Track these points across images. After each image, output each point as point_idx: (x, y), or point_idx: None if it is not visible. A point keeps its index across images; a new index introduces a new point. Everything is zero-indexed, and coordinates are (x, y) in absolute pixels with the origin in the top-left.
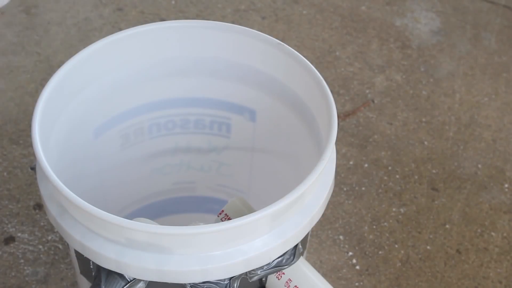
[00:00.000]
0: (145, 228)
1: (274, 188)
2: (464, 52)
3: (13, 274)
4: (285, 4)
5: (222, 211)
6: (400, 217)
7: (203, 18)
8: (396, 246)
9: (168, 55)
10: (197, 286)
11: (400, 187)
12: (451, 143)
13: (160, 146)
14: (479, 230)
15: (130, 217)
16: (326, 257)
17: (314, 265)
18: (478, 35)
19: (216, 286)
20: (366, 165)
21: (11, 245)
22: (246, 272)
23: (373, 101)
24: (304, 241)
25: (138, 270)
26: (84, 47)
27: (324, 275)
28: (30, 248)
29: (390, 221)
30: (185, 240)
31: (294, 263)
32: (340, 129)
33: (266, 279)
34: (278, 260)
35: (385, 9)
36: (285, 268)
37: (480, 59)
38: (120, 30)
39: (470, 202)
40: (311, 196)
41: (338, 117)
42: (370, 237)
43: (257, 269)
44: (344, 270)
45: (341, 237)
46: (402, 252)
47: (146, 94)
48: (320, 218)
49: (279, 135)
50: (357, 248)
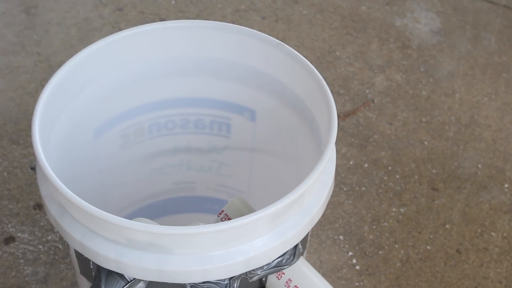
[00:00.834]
0: (145, 228)
1: (274, 188)
2: (464, 52)
3: (13, 274)
4: (285, 4)
5: (222, 211)
6: (400, 217)
7: (203, 18)
8: (396, 246)
9: (168, 55)
10: (197, 286)
11: (400, 187)
12: (451, 143)
13: (160, 146)
14: (479, 230)
15: (130, 217)
16: (326, 257)
17: (314, 265)
18: (478, 35)
19: (216, 286)
20: (366, 165)
21: (11, 245)
22: (246, 272)
23: (373, 101)
24: (304, 241)
25: (138, 270)
26: (84, 47)
27: (324, 275)
28: (30, 248)
29: (390, 221)
30: (185, 240)
31: (294, 263)
32: (340, 129)
33: (266, 279)
34: (278, 260)
35: (385, 9)
36: (285, 268)
37: (480, 59)
38: (120, 30)
39: (470, 202)
40: (311, 196)
41: (338, 117)
42: (370, 237)
43: (257, 269)
44: (344, 270)
45: (341, 237)
46: (402, 252)
47: (146, 94)
48: (320, 218)
49: (279, 135)
50: (357, 248)
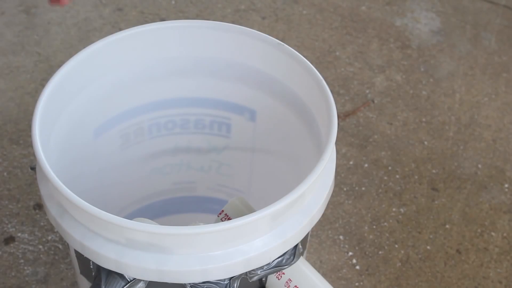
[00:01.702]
0: (145, 228)
1: (274, 188)
2: (464, 52)
3: (13, 274)
4: (285, 4)
5: (222, 211)
6: (400, 217)
7: (203, 18)
8: (396, 246)
9: (168, 55)
10: (197, 286)
11: (400, 187)
12: (451, 143)
13: (160, 146)
14: (479, 230)
15: (130, 217)
16: (326, 257)
17: (314, 265)
18: (478, 35)
19: (216, 286)
20: (366, 165)
21: (11, 245)
22: (246, 272)
23: (373, 101)
24: (304, 241)
25: (138, 270)
26: (84, 47)
27: (324, 275)
28: (30, 248)
29: (390, 221)
30: (185, 240)
31: (294, 263)
32: (340, 129)
33: (266, 279)
34: (278, 260)
35: (385, 9)
36: (285, 268)
37: (480, 59)
38: (120, 30)
39: (470, 202)
40: (311, 196)
41: (338, 117)
42: (370, 237)
43: (257, 269)
44: (344, 270)
45: (341, 237)
46: (402, 252)
47: (146, 94)
48: (320, 218)
49: (279, 135)
50: (357, 248)
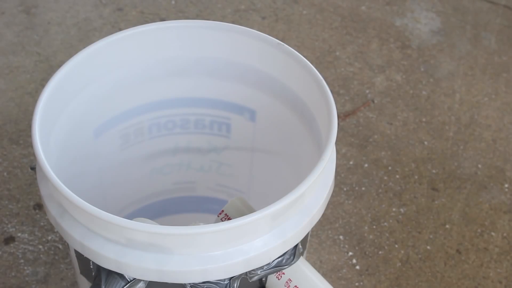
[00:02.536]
0: (145, 228)
1: (274, 188)
2: (464, 52)
3: (13, 274)
4: (285, 4)
5: (222, 211)
6: (400, 217)
7: (203, 18)
8: (396, 246)
9: (168, 55)
10: (197, 286)
11: (400, 187)
12: (451, 143)
13: (160, 146)
14: (479, 230)
15: (130, 217)
16: (326, 257)
17: (314, 265)
18: (478, 35)
19: (216, 286)
20: (366, 165)
21: (11, 245)
22: (246, 272)
23: (373, 101)
24: (304, 241)
25: (138, 270)
26: (84, 47)
27: (324, 275)
28: (30, 248)
29: (390, 221)
30: (185, 240)
31: (294, 263)
32: (340, 129)
33: (266, 279)
34: (278, 260)
35: (385, 9)
36: (285, 268)
37: (480, 59)
38: (120, 30)
39: (470, 202)
40: (311, 196)
41: (338, 117)
42: (370, 237)
43: (257, 269)
44: (344, 270)
45: (341, 237)
46: (402, 252)
47: (146, 94)
48: (320, 218)
49: (279, 135)
50: (357, 248)
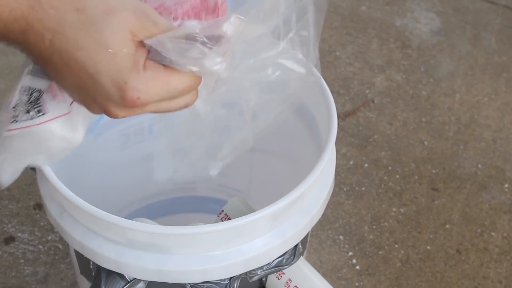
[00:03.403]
0: (145, 228)
1: (274, 188)
2: (464, 52)
3: (13, 274)
4: None
5: (222, 211)
6: (400, 217)
7: None
8: (396, 246)
9: None
10: (197, 286)
11: (400, 187)
12: (451, 143)
13: (160, 146)
14: (479, 230)
15: (130, 217)
16: (326, 257)
17: (314, 265)
18: (478, 35)
19: (216, 286)
20: (366, 165)
21: (11, 245)
22: (246, 272)
23: (373, 101)
24: (304, 241)
25: (138, 270)
26: None
27: (324, 275)
28: (30, 248)
29: (390, 221)
30: (185, 240)
31: (294, 263)
32: (340, 129)
33: (266, 279)
34: (278, 260)
35: (385, 9)
36: (285, 268)
37: (480, 59)
38: None
39: (470, 202)
40: (311, 196)
41: (338, 117)
42: (370, 237)
43: (257, 269)
44: (344, 270)
45: (341, 237)
46: (402, 252)
47: None
48: (320, 218)
49: (279, 135)
50: (357, 248)
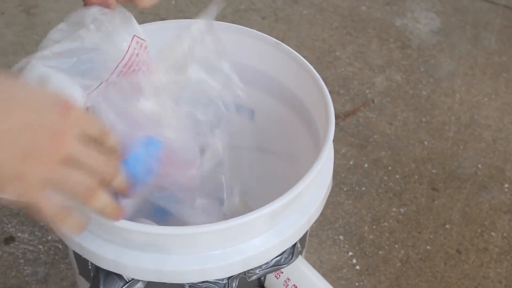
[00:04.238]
0: (143, 228)
1: (272, 187)
2: (464, 52)
3: (13, 274)
4: (285, 4)
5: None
6: (400, 217)
7: None
8: (396, 246)
9: (168, 55)
10: (195, 286)
11: (400, 187)
12: (451, 143)
13: None
14: (479, 230)
15: (130, 217)
16: (326, 257)
17: (314, 265)
18: (478, 35)
19: (214, 286)
20: (366, 165)
21: (11, 245)
22: (245, 271)
23: (373, 101)
24: (302, 240)
25: (137, 270)
26: None
27: (324, 275)
28: (30, 248)
29: (390, 221)
30: (183, 240)
31: (292, 262)
32: (340, 129)
33: (264, 278)
34: (276, 259)
35: (385, 9)
36: (283, 267)
37: (480, 59)
38: None
39: (470, 202)
40: (309, 195)
41: (338, 117)
42: (370, 237)
43: (255, 268)
44: (344, 270)
45: (341, 237)
46: (402, 252)
47: None
48: (319, 217)
49: (278, 134)
50: (357, 248)
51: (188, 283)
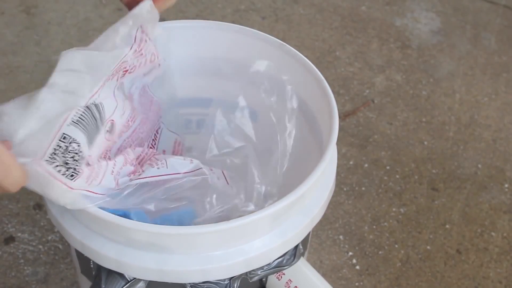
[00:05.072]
0: (145, 228)
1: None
2: (464, 52)
3: (13, 274)
4: (285, 4)
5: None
6: (400, 217)
7: (203, 18)
8: (396, 246)
9: (169, 55)
10: (197, 286)
11: (400, 187)
12: (451, 143)
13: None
14: (479, 230)
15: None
16: (326, 257)
17: (314, 265)
18: (478, 35)
19: (216, 286)
20: (366, 165)
21: (11, 245)
22: (247, 272)
23: (373, 101)
24: (304, 241)
25: (139, 269)
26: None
27: (324, 275)
28: (30, 248)
29: (390, 221)
30: (185, 240)
31: (294, 264)
32: (340, 129)
33: (266, 280)
34: (278, 260)
35: (385, 9)
36: (285, 268)
37: (480, 59)
38: None
39: (470, 202)
40: (312, 196)
41: (338, 117)
42: (370, 237)
43: (257, 269)
44: (344, 270)
45: (341, 237)
46: (402, 252)
47: None
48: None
49: (281, 135)
50: (357, 248)
51: (189, 283)
